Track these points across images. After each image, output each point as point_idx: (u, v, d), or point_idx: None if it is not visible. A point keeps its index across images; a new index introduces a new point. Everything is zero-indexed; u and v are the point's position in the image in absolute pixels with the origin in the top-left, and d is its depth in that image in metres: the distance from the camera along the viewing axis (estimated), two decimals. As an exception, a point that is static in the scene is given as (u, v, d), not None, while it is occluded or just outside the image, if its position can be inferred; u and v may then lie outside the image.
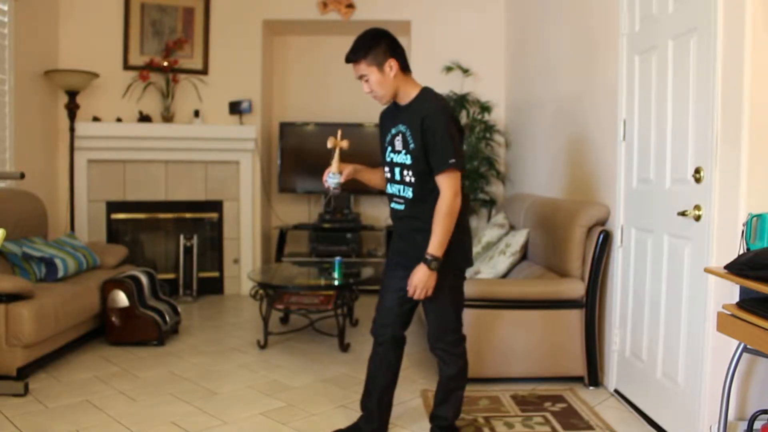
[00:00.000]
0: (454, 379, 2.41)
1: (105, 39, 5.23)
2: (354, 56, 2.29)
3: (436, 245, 2.21)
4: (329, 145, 2.44)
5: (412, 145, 2.28)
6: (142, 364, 3.54)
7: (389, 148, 2.39)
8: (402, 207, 2.39)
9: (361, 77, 2.31)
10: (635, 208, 2.94)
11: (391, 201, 2.45)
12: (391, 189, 2.43)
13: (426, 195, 2.28)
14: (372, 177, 2.56)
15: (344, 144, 2.43)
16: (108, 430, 2.64)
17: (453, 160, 2.20)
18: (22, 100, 4.47)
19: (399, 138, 2.33)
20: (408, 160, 2.31)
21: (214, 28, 5.42)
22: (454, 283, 2.37)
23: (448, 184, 2.21)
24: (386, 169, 2.43)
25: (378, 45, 2.27)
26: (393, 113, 2.41)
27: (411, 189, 2.33)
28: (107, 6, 5.22)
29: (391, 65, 2.27)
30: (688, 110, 2.43)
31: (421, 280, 2.23)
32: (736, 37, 2.15)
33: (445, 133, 2.22)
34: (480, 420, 2.73)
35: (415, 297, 2.26)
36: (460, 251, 2.35)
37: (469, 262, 2.42)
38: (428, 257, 2.21)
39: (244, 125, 5.37)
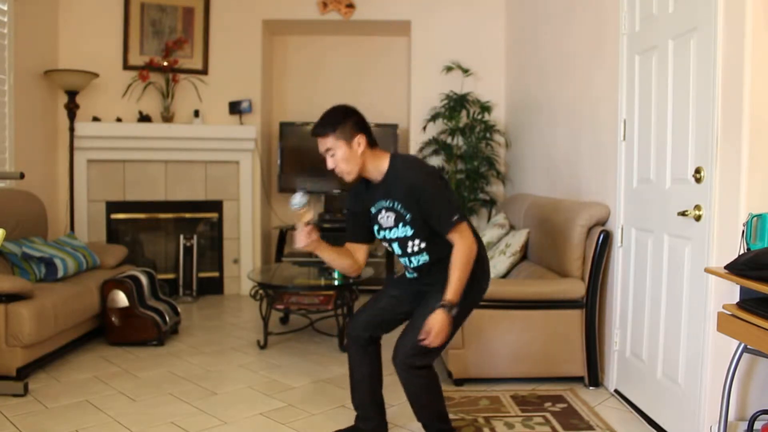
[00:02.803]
0: (423, 393, 2.33)
1: (105, 39, 5.23)
2: (322, 130, 2.26)
3: (454, 292, 2.19)
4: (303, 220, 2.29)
5: (408, 216, 2.27)
6: (141, 364, 3.54)
7: (377, 227, 2.39)
8: (416, 276, 2.40)
9: (327, 151, 2.27)
10: (635, 208, 2.94)
11: (406, 270, 2.47)
12: (406, 262, 2.43)
13: (438, 249, 2.29)
14: (333, 256, 2.40)
15: (308, 216, 2.30)
16: (108, 430, 2.64)
17: (456, 217, 2.21)
18: (22, 100, 4.47)
19: (385, 214, 2.32)
20: (409, 232, 2.30)
21: (214, 28, 5.42)
22: (459, 321, 2.33)
23: (460, 238, 2.22)
24: (392, 245, 2.40)
25: (346, 121, 2.27)
26: (367, 192, 2.39)
27: (426, 254, 2.33)
28: (107, 6, 5.22)
29: (360, 141, 2.26)
30: (688, 110, 2.43)
31: (442, 327, 2.17)
32: (736, 37, 2.15)
33: (437, 194, 2.23)
34: (480, 420, 2.73)
35: (427, 342, 2.18)
36: (478, 294, 2.39)
37: (478, 299, 2.44)
38: (447, 304, 2.18)
39: (244, 125, 5.37)
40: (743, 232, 2.10)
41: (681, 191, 2.49)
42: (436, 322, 2.17)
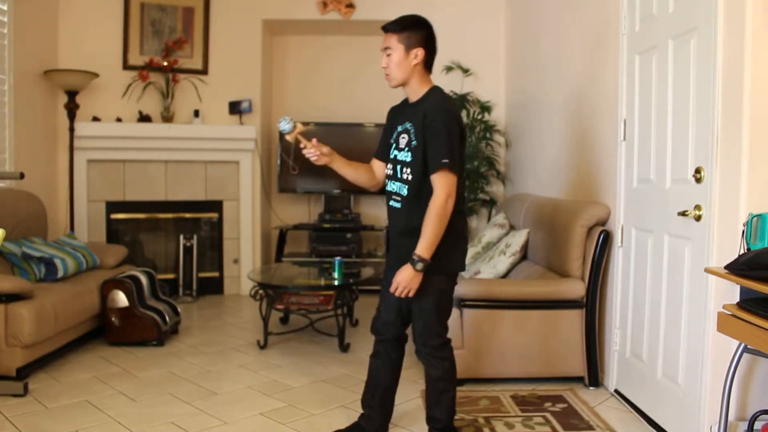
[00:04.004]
0: (441, 380, 2.38)
1: (104, 39, 5.23)
2: (392, 26, 2.28)
3: (424, 246, 2.17)
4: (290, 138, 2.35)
5: (414, 143, 2.26)
6: (141, 365, 3.54)
7: (394, 145, 2.37)
8: (399, 205, 2.35)
9: (385, 49, 2.28)
10: (635, 208, 2.94)
11: (389, 199, 2.41)
12: (391, 186, 2.39)
13: (421, 195, 2.26)
14: (347, 170, 2.47)
15: (300, 127, 2.34)
16: (108, 430, 2.64)
17: (446, 160, 2.16)
18: (22, 100, 4.47)
19: (404, 135, 2.32)
20: (408, 158, 2.28)
21: (214, 28, 5.41)
22: (446, 287, 2.34)
23: (441, 184, 2.18)
24: (388, 166, 2.41)
25: (417, 29, 2.27)
26: (402, 110, 2.40)
27: (407, 187, 2.30)
28: (107, 6, 5.22)
29: (417, 54, 2.26)
30: (688, 110, 2.43)
31: (405, 279, 2.19)
32: (736, 37, 2.15)
33: (443, 132, 2.18)
34: (480, 420, 2.73)
35: (396, 294, 2.23)
36: (456, 255, 2.33)
37: (463, 267, 2.40)
38: (415, 258, 2.17)
39: (244, 125, 5.37)
40: (743, 232, 2.10)
41: (681, 191, 2.48)
42: (400, 274, 2.20)
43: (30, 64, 4.62)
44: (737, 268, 1.91)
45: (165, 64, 5.21)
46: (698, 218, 2.34)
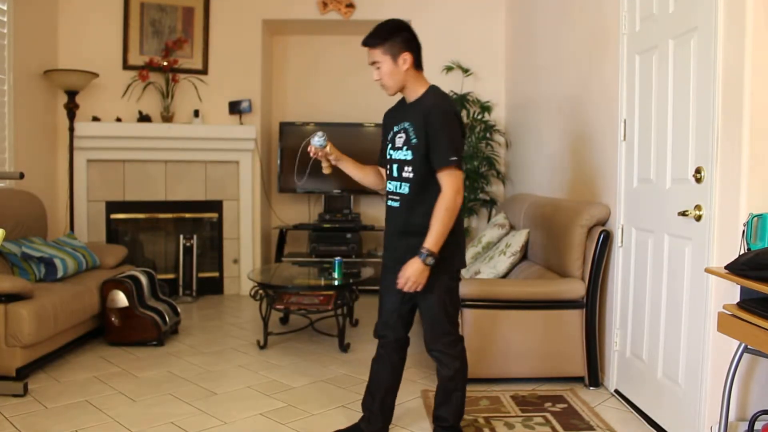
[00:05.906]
0: (452, 380, 2.39)
1: (104, 38, 5.23)
2: (372, 41, 2.29)
3: (433, 241, 2.18)
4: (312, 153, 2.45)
5: (414, 140, 2.27)
6: (141, 365, 3.54)
7: (390, 146, 2.39)
8: (398, 204, 2.36)
9: (373, 63, 2.30)
10: (636, 208, 2.94)
11: (387, 198, 2.43)
12: (389, 186, 2.41)
13: (423, 192, 2.27)
14: (354, 169, 2.55)
15: (328, 149, 2.43)
16: (108, 430, 2.64)
17: (454, 158, 2.19)
18: (22, 100, 4.47)
19: (401, 134, 2.33)
20: (409, 156, 2.29)
21: (214, 28, 5.41)
22: (450, 284, 2.35)
23: (449, 182, 2.20)
24: (387, 166, 2.42)
25: (397, 36, 2.28)
26: (398, 111, 2.41)
27: (408, 185, 2.31)
28: (106, 6, 5.22)
29: (405, 59, 2.27)
30: (688, 110, 2.43)
31: (414, 274, 2.19)
32: (736, 37, 2.15)
33: (447, 130, 2.21)
34: (480, 420, 2.73)
35: (405, 289, 2.22)
36: (457, 252, 2.35)
37: (464, 263, 2.42)
38: (424, 251, 2.18)
39: (244, 125, 5.36)
40: (744, 232, 2.10)
41: (681, 191, 2.48)
42: (409, 268, 2.19)
43: (30, 64, 4.61)
44: (737, 268, 1.91)
45: (165, 64, 5.21)
46: (698, 218, 2.34)
